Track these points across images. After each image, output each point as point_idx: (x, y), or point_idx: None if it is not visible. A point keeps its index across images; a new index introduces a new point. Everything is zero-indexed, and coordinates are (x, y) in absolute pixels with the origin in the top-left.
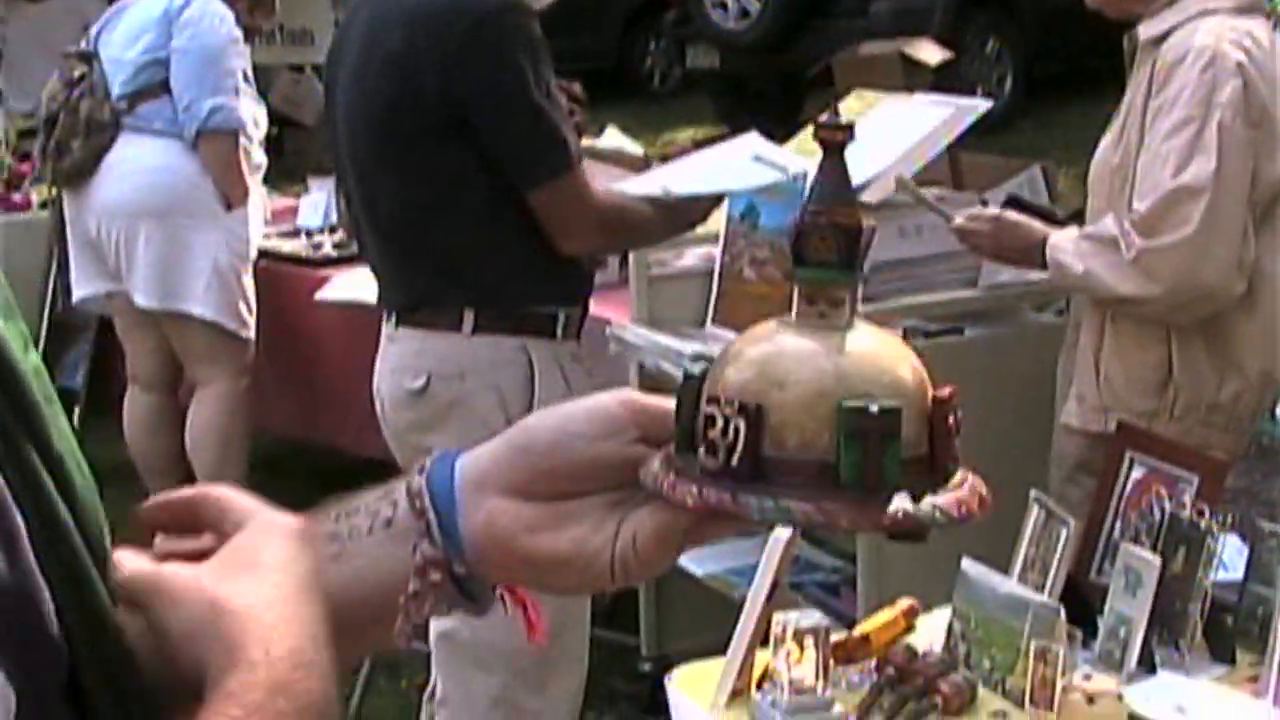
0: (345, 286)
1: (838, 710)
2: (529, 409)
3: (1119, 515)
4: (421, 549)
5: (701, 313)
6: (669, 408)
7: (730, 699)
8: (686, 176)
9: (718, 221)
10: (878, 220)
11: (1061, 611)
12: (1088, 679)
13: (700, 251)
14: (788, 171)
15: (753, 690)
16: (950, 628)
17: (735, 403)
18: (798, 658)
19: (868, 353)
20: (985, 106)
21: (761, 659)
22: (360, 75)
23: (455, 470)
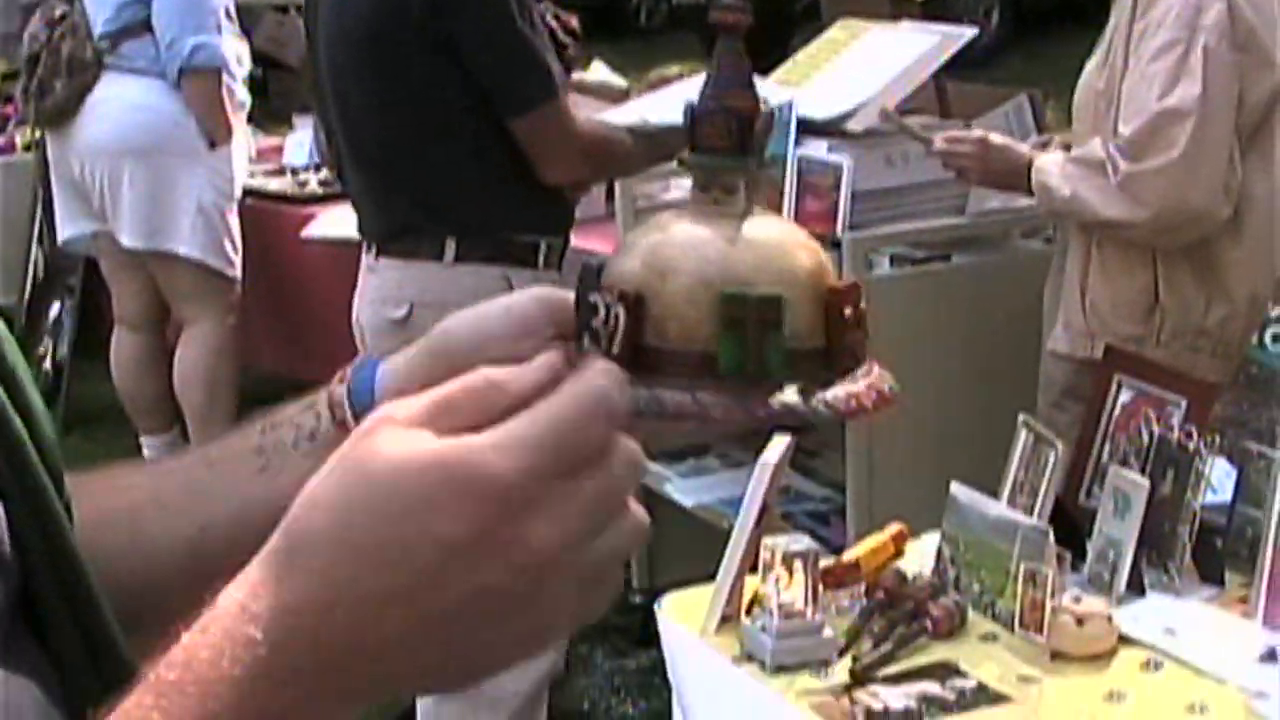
0: (331, 224)
1: (827, 634)
2: None
3: (1108, 438)
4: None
5: None
6: None
7: (720, 625)
8: (665, 107)
9: None
10: (864, 149)
11: (1050, 534)
12: (1077, 601)
13: (687, 184)
14: (768, 103)
15: (742, 616)
16: (940, 552)
17: (616, 291)
18: (787, 583)
19: (757, 241)
20: (971, 34)
21: (751, 585)
22: (342, 6)
23: (376, 378)
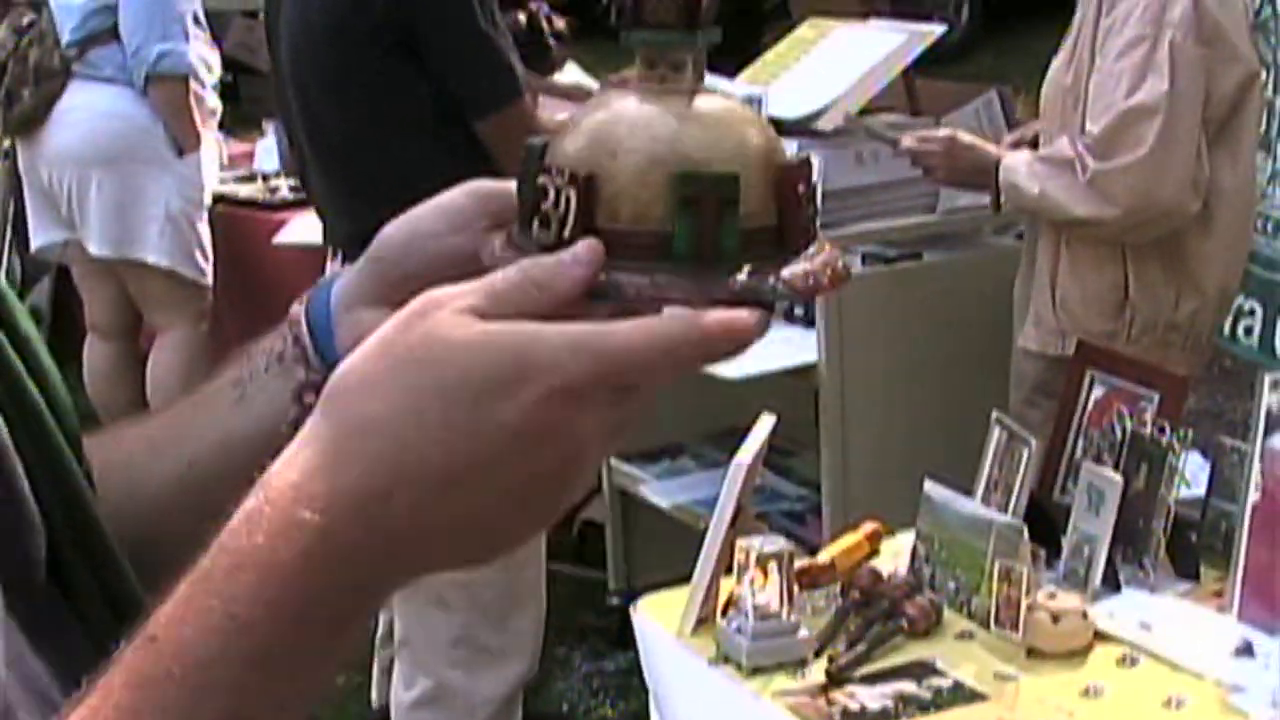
0: (303, 229)
1: (803, 634)
2: None
3: (1081, 434)
4: (297, 374)
5: None
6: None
7: (696, 626)
8: None
9: None
10: (834, 148)
11: (1025, 531)
12: (1052, 598)
13: None
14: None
15: (718, 617)
16: (914, 550)
17: (566, 172)
18: (762, 583)
19: (707, 117)
20: (940, 31)
21: (727, 586)
22: (304, 7)
23: (332, 295)
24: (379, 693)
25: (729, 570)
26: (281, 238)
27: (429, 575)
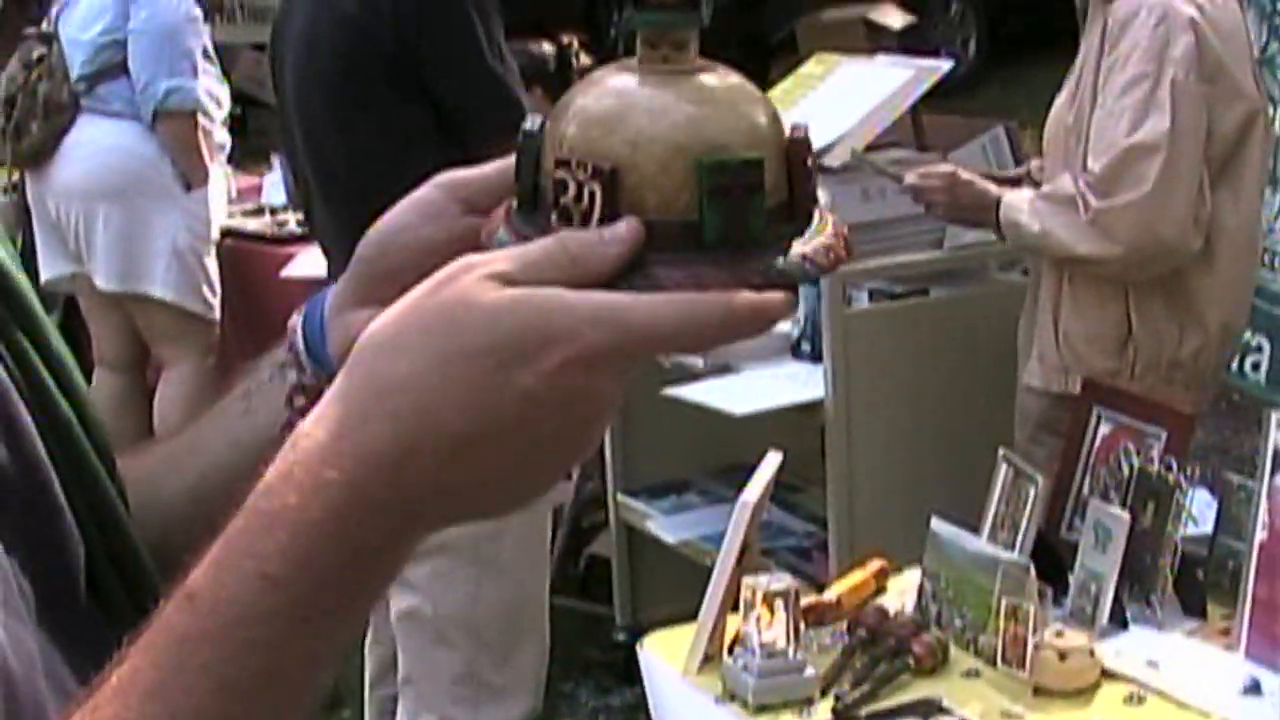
0: (310, 263)
1: (810, 673)
2: None
3: (1088, 471)
4: (289, 378)
5: None
6: (484, 172)
7: (702, 664)
8: None
9: None
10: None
11: (1032, 568)
12: (1059, 635)
13: None
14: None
15: (725, 655)
16: (921, 587)
17: (589, 166)
18: (768, 621)
19: (720, 100)
20: (946, 67)
21: (733, 624)
22: (310, 40)
23: (325, 300)
24: None
25: (735, 607)
26: (289, 271)
27: (456, 524)
